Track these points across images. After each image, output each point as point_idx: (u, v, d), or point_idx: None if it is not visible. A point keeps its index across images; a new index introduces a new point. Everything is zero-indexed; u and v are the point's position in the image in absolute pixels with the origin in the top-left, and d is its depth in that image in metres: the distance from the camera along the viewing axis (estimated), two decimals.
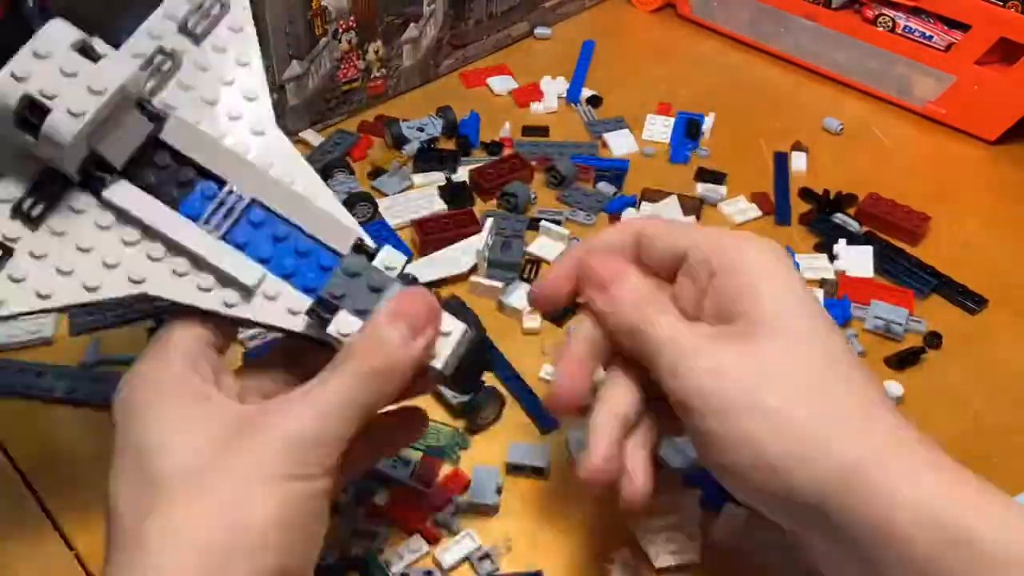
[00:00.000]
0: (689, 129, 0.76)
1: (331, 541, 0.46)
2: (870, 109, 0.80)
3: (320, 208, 0.39)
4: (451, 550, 0.46)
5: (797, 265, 0.63)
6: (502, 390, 0.54)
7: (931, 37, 0.76)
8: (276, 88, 0.70)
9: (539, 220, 0.66)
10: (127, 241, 0.37)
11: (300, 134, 0.73)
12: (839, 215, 0.67)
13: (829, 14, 0.80)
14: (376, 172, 0.70)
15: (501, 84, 0.81)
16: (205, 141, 0.38)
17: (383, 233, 0.64)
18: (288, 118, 0.72)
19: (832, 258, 0.64)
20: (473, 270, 0.62)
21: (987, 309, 0.62)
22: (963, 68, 0.75)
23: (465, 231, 0.64)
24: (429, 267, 0.62)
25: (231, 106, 0.39)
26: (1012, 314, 0.62)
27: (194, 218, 0.38)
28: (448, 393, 0.53)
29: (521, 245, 0.63)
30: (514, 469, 0.51)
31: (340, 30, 0.72)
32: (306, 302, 0.38)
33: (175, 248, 0.37)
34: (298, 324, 0.38)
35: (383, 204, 0.67)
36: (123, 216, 0.37)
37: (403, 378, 0.37)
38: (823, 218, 0.67)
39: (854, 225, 0.67)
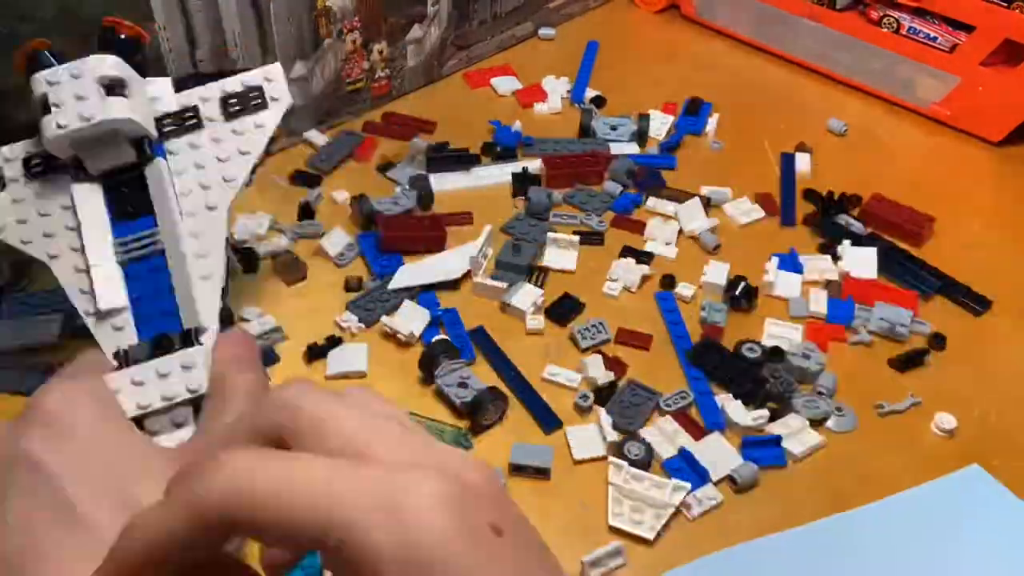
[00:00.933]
0: (690, 107, 0.78)
1: None
2: (874, 110, 0.80)
3: (196, 290, 0.43)
4: None
5: (800, 267, 0.63)
6: (505, 391, 0.54)
7: (935, 38, 0.75)
8: None
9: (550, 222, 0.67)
10: (68, 226, 0.45)
11: (304, 134, 0.73)
12: (843, 216, 0.67)
13: (833, 15, 0.80)
14: (386, 166, 0.71)
15: (505, 85, 0.81)
16: (166, 192, 0.45)
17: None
18: (293, 119, 0.72)
19: (836, 259, 0.64)
20: (467, 276, 0.62)
21: (991, 311, 0.62)
22: (968, 69, 0.74)
23: (431, 235, 0.64)
24: (420, 272, 0.62)
25: (209, 178, 0.46)
26: (1016, 316, 0.61)
27: (117, 237, 0.44)
28: (451, 392, 0.53)
29: (532, 249, 0.63)
30: (517, 470, 0.51)
31: (345, 30, 0.72)
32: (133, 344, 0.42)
33: (83, 248, 0.44)
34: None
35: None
36: (73, 207, 0.45)
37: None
38: (827, 219, 0.67)
39: (858, 226, 0.67)
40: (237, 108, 0.48)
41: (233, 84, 0.48)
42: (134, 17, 0.59)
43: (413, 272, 0.62)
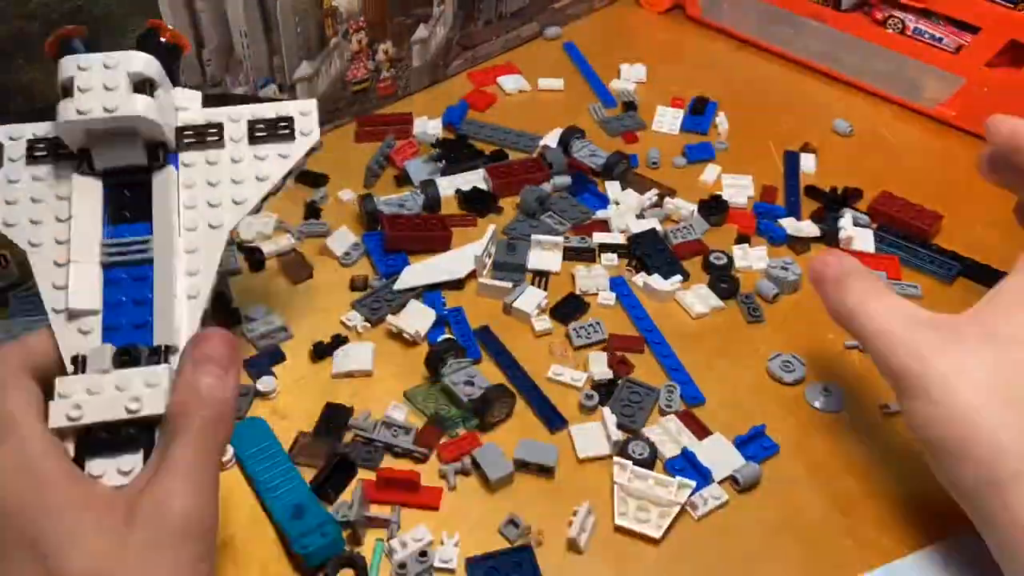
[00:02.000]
0: (696, 106, 0.78)
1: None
2: (879, 111, 0.80)
3: (179, 307, 0.42)
4: (446, 548, 0.47)
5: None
6: (511, 389, 0.54)
7: (941, 39, 0.75)
8: (286, 88, 0.70)
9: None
10: (59, 217, 0.44)
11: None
12: (851, 211, 0.67)
13: (838, 16, 0.80)
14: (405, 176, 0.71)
15: (511, 83, 0.81)
16: (169, 202, 0.44)
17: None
18: None
19: (836, 238, 0.66)
20: (472, 275, 0.62)
21: None
22: (973, 70, 0.74)
23: (437, 235, 0.64)
24: (425, 272, 0.62)
25: (219, 196, 0.45)
26: None
27: (107, 239, 0.43)
28: (458, 390, 0.53)
29: (527, 248, 0.63)
30: (522, 466, 0.51)
31: (350, 31, 0.72)
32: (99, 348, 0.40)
33: (68, 242, 0.43)
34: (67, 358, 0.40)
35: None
36: (70, 198, 0.44)
37: (231, 420, 0.38)
38: (832, 215, 0.67)
39: (865, 220, 0.67)
40: (264, 134, 0.47)
41: (265, 110, 0.48)
42: (143, 16, 0.59)
43: (418, 272, 0.62)
